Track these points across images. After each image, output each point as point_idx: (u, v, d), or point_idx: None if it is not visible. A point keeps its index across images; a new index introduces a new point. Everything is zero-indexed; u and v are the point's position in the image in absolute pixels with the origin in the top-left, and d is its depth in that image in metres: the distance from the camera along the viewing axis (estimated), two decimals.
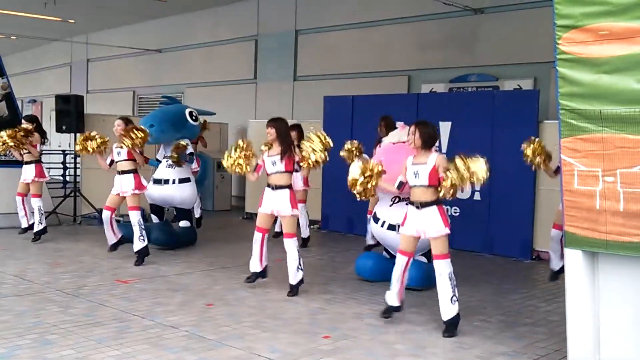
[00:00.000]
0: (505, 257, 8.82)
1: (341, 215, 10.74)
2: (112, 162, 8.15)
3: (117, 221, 8.96)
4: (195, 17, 16.20)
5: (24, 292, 6.38)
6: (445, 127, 9.50)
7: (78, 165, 11.40)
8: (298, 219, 7.12)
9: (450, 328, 5.40)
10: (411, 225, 5.53)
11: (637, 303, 4.29)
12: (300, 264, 6.60)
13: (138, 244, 7.92)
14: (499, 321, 5.85)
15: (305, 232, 9.60)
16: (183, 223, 9.32)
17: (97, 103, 18.66)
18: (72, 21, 17.35)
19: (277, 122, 6.67)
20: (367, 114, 10.38)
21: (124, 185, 7.98)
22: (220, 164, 13.35)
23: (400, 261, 5.60)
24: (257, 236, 6.75)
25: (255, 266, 6.83)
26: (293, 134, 9.12)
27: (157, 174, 9.04)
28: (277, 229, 9.66)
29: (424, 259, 6.98)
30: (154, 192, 8.92)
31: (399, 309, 5.73)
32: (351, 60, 12.80)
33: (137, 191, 8.02)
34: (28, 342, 4.88)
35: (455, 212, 9.45)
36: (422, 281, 6.74)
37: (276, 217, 6.89)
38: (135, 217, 7.93)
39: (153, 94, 18.03)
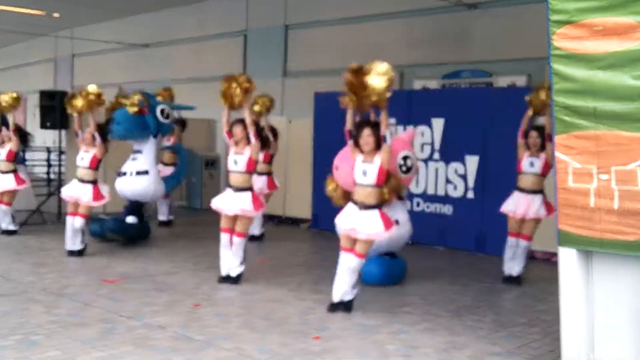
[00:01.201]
0: (499, 256, 8.73)
1: (331, 214, 10.50)
2: (77, 134, 8.23)
3: (99, 219, 8.89)
4: (183, 11, 16.03)
5: (8, 292, 6.27)
6: (438, 124, 9.44)
7: (62, 163, 11.25)
8: None
9: (348, 305, 5.80)
10: (348, 223, 5.70)
11: (632, 302, 4.25)
12: (244, 260, 6.79)
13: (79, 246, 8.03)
14: (492, 321, 5.80)
15: (258, 230, 9.59)
16: (130, 219, 9.07)
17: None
18: (57, 15, 17.12)
19: (242, 121, 6.71)
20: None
21: (82, 194, 7.92)
22: (209, 161, 13.40)
23: (344, 259, 5.77)
24: (224, 238, 6.78)
25: (223, 269, 6.89)
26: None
27: (124, 167, 8.96)
28: (256, 231, 9.53)
29: (386, 256, 6.91)
30: (117, 185, 8.87)
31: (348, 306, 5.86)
32: (342, 56, 12.63)
33: (94, 203, 8.02)
34: (12, 343, 4.79)
35: (448, 211, 9.40)
36: (384, 278, 6.74)
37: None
38: (79, 223, 7.92)
39: (140, 89, 17.83)
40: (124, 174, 8.89)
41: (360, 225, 5.65)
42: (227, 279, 6.83)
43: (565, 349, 4.48)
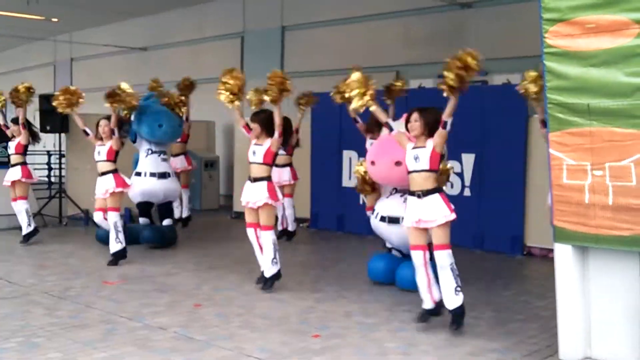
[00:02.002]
0: (496, 253, 8.79)
1: (331, 213, 10.68)
2: (85, 132, 8.21)
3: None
4: (181, 14, 16.07)
5: (9, 295, 6.31)
6: None
7: (63, 166, 11.29)
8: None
9: (457, 319, 5.28)
10: (413, 216, 5.30)
11: (628, 297, 4.29)
12: (276, 257, 6.57)
13: (115, 245, 7.81)
14: (490, 317, 5.83)
15: (292, 226, 9.62)
16: (167, 222, 9.20)
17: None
18: (56, 20, 17.17)
19: (259, 115, 6.74)
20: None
21: (105, 185, 7.92)
22: (209, 162, 13.42)
23: (416, 257, 5.36)
24: (250, 232, 6.74)
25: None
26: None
27: (154, 168, 8.88)
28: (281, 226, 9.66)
29: None
30: (156, 186, 8.81)
31: (437, 312, 5.41)
32: (339, 56, 12.70)
33: (118, 189, 7.90)
34: (13, 345, 4.82)
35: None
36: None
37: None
38: (112, 218, 7.82)
39: (139, 92, 17.86)
40: (162, 175, 8.89)
41: (426, 214, 5.24)
42: (261, 281, 6.70)
43: (562, 344, 4.51)
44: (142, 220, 9.22)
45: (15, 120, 9.49)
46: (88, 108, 8.63)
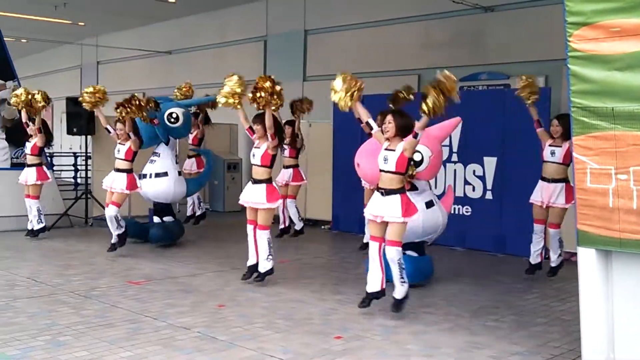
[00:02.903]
0: (518, 257, 8.75)
1: (352, 216, 10.70)
2: (108, 130, 8.58)
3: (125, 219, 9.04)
4: (204, 18, 16.22)
5: (37, 294, 6.42)
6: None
7: (89, 167, 11.44)
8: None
9: (399, 304, 5.75)
10: (372, 209, 5.71)
11: None
12: (270, 254, 6.84)
13: (115, 231, 8.30)
14: (512, 321, 5.82)
15: (298, 225, 9.87)
16: (167, 218, 9.28)
17: (107, 105, 18.66)
18: (82, 24, 17.43)
19: (261, 117, 6.92)
20: (377, 114, 10.32)
21: (116, 182, 8.19)
22: (231, 165, 13.50)
23: (372, 247, 5.76)
24: (249, 229, 6.93)
25: (251, 259, 7.00)
26: (289, 130, 9.31)
27: (143, 170, 9.10)
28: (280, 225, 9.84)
29: (414, 253, 6.92)
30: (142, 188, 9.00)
31: (378, 296, 5.82)
32: (360, 60, 12.76)
33: (127, 191, 8.27)
34: (41, 343, 4.90)
35: (467, 212, 9.42)
36: (414, 276, 6.71)
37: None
38: (112, 212, 8.19)
39: (163, 95, 18.04)
40: (144, 176, 9.05)
41: (384, 210, 5.64)
42: (253, 270, 6.93)
43: (585, 348, 4.48)
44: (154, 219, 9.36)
45: (33, 122, 9.64)
46: (113, 110, 8.74)
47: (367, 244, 8.53)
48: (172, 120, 9.21)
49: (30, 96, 9.16)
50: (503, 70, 10.76)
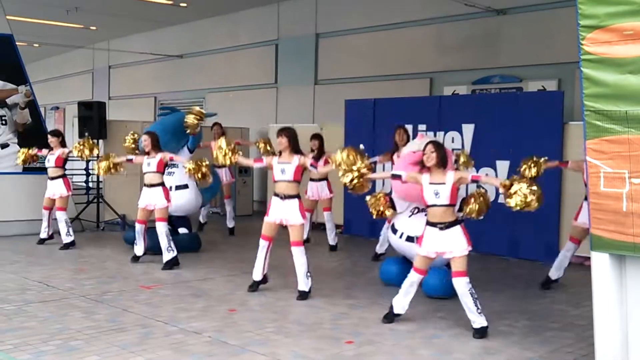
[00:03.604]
0: (531, 261, 8.71)
1: (364, 220, 10.62)
2: (129, 160, 8.43)
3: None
4: (216, 22, 16.26)
5: (49, 298, 6.44)
6: (468, 130, 9.42)
7: None
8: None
9: (481, 332, 5.43)
10: (432, 246, 5.56)
11: None
12: (309, 271, 6.71)
13: (167, 254, 8.00)
14: (525, 326, 5.78)
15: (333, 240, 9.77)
16: (181, 230, 9.26)
17: (119, 109, 18.82)
18: (94, 28, 17.53)
19: (288, 131, 6.73)
20: (388, 117, 10.32)
21: (153, 198, 8.04)
22: (243, 169, 13.49)
23: (413, 278, 5.67)
24: (263, 244, 6.81)
25: (257, 274, 6.90)
26: (315, 142, 9.28)
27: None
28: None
29: (445, 267, 6.88)
30: None
31: (393, 317, 5.80)
32: (372, 63, 12.76)
33: (169, 205, 8.15)
34: (52, 348, 4.92)
35: (479, 216, 9.35)
36: (445, 290, 6.65)
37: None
38: (162, 228, 8.00)
39: (174, 99, 18.15)
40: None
41: (448, 245, 5.55)
42: (257, 285, 6.89)
43: (599, 354, 4.44)
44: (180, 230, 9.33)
45: (53, 133, 9.67)
46: (125, 114, 8.81)
47: (379, 255, 8.55)
48: None
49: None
50: (516, 74, 10.71)
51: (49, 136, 9.53)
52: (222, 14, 15.86)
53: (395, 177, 5.99)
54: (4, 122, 10.55)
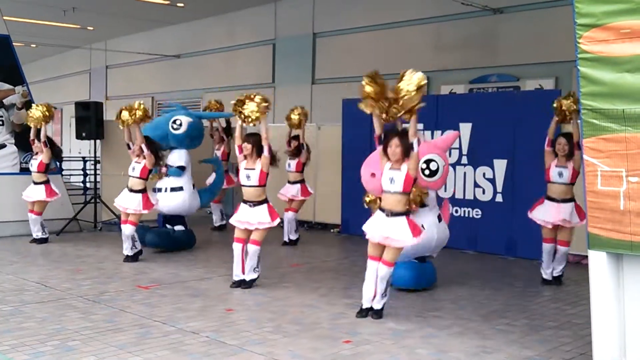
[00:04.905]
0: (529, 260, 8.72)
1: (361, 219, 10.60)
2: (128, 146, 8.47)
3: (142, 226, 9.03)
4: (213, 22, 16.26)
5: (46, 299, 6.42)
6: (465, 129, 9.43)
7: (98, 172, 11.48)
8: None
9: (379, 312, 5.80)
10: (377, 231, 5.69)
11: None
12: (258, 267, 6.96)
13: (129, 252, 8.29)
14: (523, 324, 5.78)
15: (293, 235, 9.89)
16: (177, 227, 9.32)
17: (116, 109, 18.71)
18: (91, 28, 17.52)
19: (254, 137, 6.85)
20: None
21: (130, 202, 8.19)
22: (230, 166, 13.42)
23: (371, 266, 5.77)
24: (237, 247, 6.96)
25: (237, 274, 7.02)
26: (294, 143, 9.38)
27: (159, 183, 9.09)
28: (291, 236, 9.79)
29: (415, 260, 6.90)
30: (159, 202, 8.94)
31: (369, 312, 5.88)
32: (370, 63, 12.64)
33: (144, 211, 8.29)
34: (50, 348, 4.91)
35: (477, 215, 9.38)
36: (415, 281, 6.72)
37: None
38: (128, 230, 8.17)
39: (172, 99, 18.14)
40: (159, 190, 9.02)
41: (391, 233, 5.66)
42: (240, 283, 6.98)
43: (596, 352, 4.44)
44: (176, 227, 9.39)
45: (38, 138, 9.66)
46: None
47: None
48: (175, 127, 9.20)
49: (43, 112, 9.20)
50: (513, 72, 10.73)
51: (35, 141, 9.51)
52: (219, 14, 15.87)
53: (378, 139, 5.91)
54: (1, 122, 10.54)
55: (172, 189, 9.04)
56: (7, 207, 10.20)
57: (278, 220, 6.90)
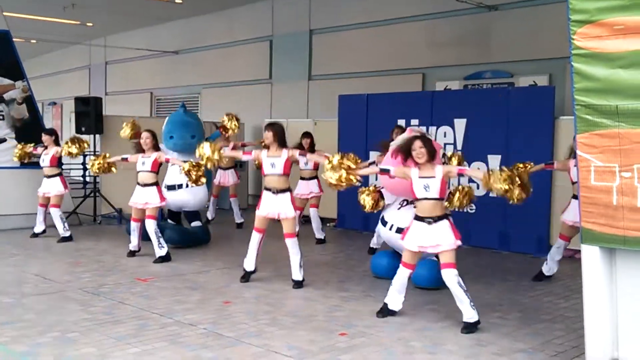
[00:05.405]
0: (522, 254, 8.78)
1: (357, 213, 10.67)
2: (124, 159, 8.40)
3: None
4: (211, 18, 16.28)
5: (46, 291, 6.47)
6: (460, 124, 9.48)
7: None
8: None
9: (471, 327, 5.41)
10: (418, 241, 5.56)
11: None
12: (301, 263, 6.87)
13: (158, 251, 8.05)
14: (516, 318, 5.84)
15: (321, 234, 9.86)
16: (195, 223, 9.40)
17: (115, 104, 18.81)
18: (90, 24, 17.52)
19: (274, 126, 6.83)
20: (381, 112, 10.39)
21: (146, 197, 8.11)
22: (238, 163, 13.54)
23: (404, 274, 5.69)
24: (256, 236, 6.92)
25: (249, 265, 7.01)
26: (307, 140, 9.38)
27: (170, 180, 9.10)
28: (317, 235, 9.86)
29: (434, 258, 6.93)
30: (168, 198, 8.90)
31: (388, 313, 5.79)
32: (365, 59, 12.81)
33: (162, 203, 8.25)
34: (49, 340, 4.96)
35: (471, 210, 9.41)
36: (434, 281, 6.72)
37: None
38: (152, 226, 8.04)
39: (170, 95, 18.18)
40: (180, 186, 9.01)
41: (439, 239, 5.51)
42: (250, 275, 7.03)
43: (589, 346, 4.50)
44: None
45: (47, 131, 9.70)
46: (121, 110, 8.83)
47: (374, 249, 8.57)
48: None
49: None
50: (507, 69, 10.78)
51: (43, 135, 9.56)
52: (218, 11, 15.89)
53: (384, 171, 6.01)
54: (1, 117, 10.58)
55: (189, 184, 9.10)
56: (8, 200, 10.24)
57: (298, 213, 6.93)
